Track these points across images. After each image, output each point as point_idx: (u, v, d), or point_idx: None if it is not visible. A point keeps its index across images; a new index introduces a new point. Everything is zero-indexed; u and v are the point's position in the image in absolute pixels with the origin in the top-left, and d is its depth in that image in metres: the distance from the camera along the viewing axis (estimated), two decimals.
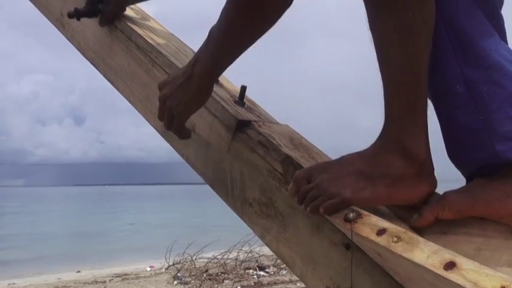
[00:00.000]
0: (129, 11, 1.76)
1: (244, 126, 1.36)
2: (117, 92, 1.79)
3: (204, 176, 1.48)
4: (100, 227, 21.40)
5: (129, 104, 1.75)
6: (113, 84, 1.76)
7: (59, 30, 2.00)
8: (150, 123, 1.63)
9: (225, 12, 1.24)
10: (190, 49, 1.67)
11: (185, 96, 1.31)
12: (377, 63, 1.12)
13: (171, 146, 1.57)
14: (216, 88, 1.47)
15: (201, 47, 1.33)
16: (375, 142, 1.14)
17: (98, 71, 1.83)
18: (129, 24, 1.69)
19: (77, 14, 1.69)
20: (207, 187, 1.52)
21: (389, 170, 1.10)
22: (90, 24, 1.79)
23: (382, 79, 1.10)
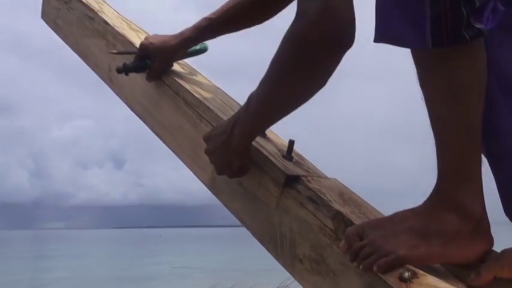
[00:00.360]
0: (176, 66, 1.80)
1: (293, 181, 1.36)
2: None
3: (252, 230, 1.47)
4: (142, 270, 21.45)
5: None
6: (160, 138, 1.78)
7: (106, 84, 2.04)
8: (198, 177, 1.64)
9: (269, 78, 1.27)
10: (236, 102, 1.69)
11: (226, 154, 1.39)
12: (416, 107, 1.11)
13: (219, 199, 1.57)
14: (263, 142, 1.47)
15: (240, 109, 1.38)
16: (428, 198, 1.12)
17: (145, 125, 1.86)
18: (176, 79, 1.72)
19: (125, 69, 1.73)
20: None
21: (444, 228, 1.08)
22: (137, 79, 1.83)
23: (434, 136, 1.09)
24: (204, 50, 1.84)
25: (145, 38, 1.77)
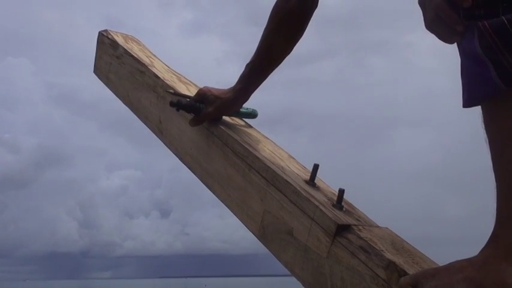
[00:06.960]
0: (225, 118, 1.83)
1: (344, 230, 1.35)
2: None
3: (302, 280, 1.46)
4: None
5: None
6: (209, 188, 1.80)
7: (157, 136, 2.09)
8: (247, 227, 1.65)
9: None
10: (285, 152, 1.71)
11: None
12: (463, 154, 1.10)
13: (269, 249, 1.57)
14: (313, 191, 1.48)
15: None
16: (485, 247, 1.09)
17: (194, 175, 1.89)
18: (225, 130, 1.75)
19: (178, 105, 1.77)
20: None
21: (502, 278, 1.05)
22: (187, 130, 1.87)
23: (497, 181, 1.07)
24: (252, 115, 1.88)
25: (205, 87, 1.82)
